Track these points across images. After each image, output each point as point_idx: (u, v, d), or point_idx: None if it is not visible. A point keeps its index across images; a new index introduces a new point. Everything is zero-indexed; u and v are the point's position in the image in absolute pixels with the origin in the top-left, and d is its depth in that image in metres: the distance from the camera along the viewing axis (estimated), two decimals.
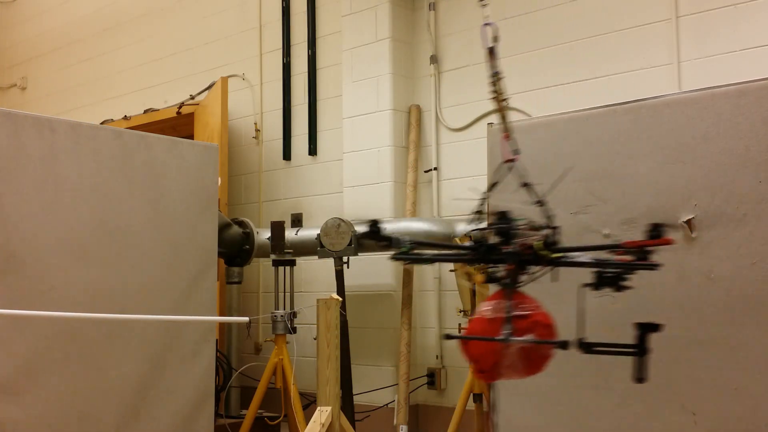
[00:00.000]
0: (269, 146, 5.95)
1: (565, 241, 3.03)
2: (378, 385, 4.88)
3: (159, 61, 6.92)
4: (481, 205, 2.17)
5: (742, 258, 2.61)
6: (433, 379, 4.87)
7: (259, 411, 4.51)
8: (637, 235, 2.84)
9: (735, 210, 2.64)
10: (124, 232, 3.65)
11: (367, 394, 4.92)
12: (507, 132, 2.16)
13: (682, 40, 4.14)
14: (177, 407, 3.79)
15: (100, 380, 3.52)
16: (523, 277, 1.97)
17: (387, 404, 4.88)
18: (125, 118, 6.73)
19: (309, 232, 4.82)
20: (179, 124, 6.34)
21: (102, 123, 6.62)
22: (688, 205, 2.73)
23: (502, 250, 1.93)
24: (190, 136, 5.89)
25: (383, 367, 4.93)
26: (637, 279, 2.83)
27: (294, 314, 4.48)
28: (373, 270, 4.93)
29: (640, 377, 1.81)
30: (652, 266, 1.90)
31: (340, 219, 4.56)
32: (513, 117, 4.53)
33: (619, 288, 1.95)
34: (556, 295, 3.04)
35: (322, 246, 4.57)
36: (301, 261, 4.92)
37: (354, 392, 4.53)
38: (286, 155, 5.80)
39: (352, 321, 4.63)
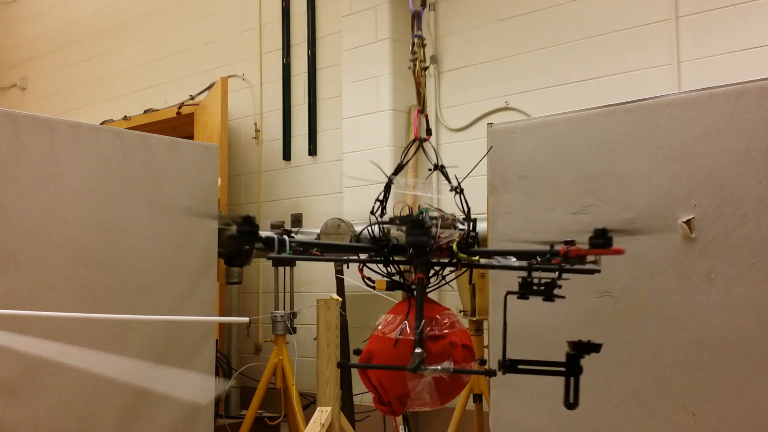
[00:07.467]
0: (269, 146, 5.95)
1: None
2: None
3: (159, 61, 6.92)
4: (386, 189, 1.80)
5: (742, 258, 2.61)
6: None
7: (259, 411, 4.51)
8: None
9: (735, 210, 2.63)
10: (124, 232, 3.65)
11: (367, 394, 4.91)
12: (421, 108, 1.77)
13: (681, 41, 4.14)
14: (177, 407, 3.79)
15: (100, 380, 3.52)
16: (432, 281, 1.57)
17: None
18: (125, 118, 6.73)
19: (309, 233, 4.81)
20: (179, 125, 6.34)
21: (102, 123, 6.62)
22: (688, 205, 2.72)
23: (414, 256, 1.54)
24: (190, 137, 5.89)
25: None
26: (637, 279, 2.84)
27: (294, 314, 4.48)
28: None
29: (571, 402, 1.43)
30: (591, 271, 1.43)
31: (340, 219, 4.56)
32: (513, 117, 4.59)
33: (550, 298, 1.42)
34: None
35: None
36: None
37: (354, 392, 4.53)
38: (286, 155, 5.80)
39: (352, 321, 4.63)
